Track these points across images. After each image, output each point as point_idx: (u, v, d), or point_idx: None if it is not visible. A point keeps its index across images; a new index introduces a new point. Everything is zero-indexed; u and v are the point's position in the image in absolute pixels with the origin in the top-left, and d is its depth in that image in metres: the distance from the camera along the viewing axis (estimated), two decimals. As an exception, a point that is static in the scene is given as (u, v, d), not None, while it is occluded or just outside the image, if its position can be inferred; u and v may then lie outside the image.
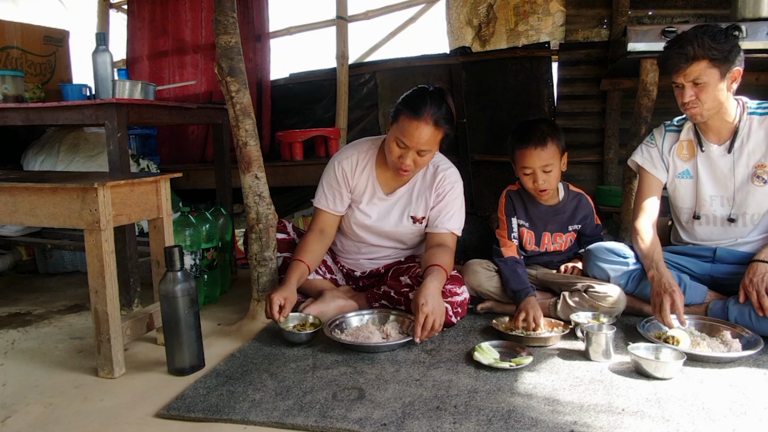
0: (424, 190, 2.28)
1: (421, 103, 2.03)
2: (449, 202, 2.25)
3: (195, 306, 1.81)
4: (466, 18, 4.40)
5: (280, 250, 2.32)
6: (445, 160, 2.34)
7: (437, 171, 2.28)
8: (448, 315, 2.08)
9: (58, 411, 1.61)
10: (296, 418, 1.48)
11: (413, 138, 2.02)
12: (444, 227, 2.22)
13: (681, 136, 2.23)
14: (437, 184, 2.25)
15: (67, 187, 1.77)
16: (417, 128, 2.01)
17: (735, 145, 2.12)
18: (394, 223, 2.30)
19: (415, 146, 2.04)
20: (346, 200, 2.30)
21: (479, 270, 2.28)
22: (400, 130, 2.04)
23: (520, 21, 4.21)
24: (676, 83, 2.06)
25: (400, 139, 2.05)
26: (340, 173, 2.27)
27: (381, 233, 2.34)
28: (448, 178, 2.27)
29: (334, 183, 2.28)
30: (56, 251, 3.16)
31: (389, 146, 2.10)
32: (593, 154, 3.94)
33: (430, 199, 2.26)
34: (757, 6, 2.69)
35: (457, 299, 2.11)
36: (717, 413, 1.48)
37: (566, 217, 2.35)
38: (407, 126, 2.02)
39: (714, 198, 2.18)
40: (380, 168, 2.28)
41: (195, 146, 4.48)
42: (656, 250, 2.10)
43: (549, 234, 2.35)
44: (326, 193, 2.29)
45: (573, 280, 2.22)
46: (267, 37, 4.38)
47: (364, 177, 2.28)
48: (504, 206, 2.37)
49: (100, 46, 2.52)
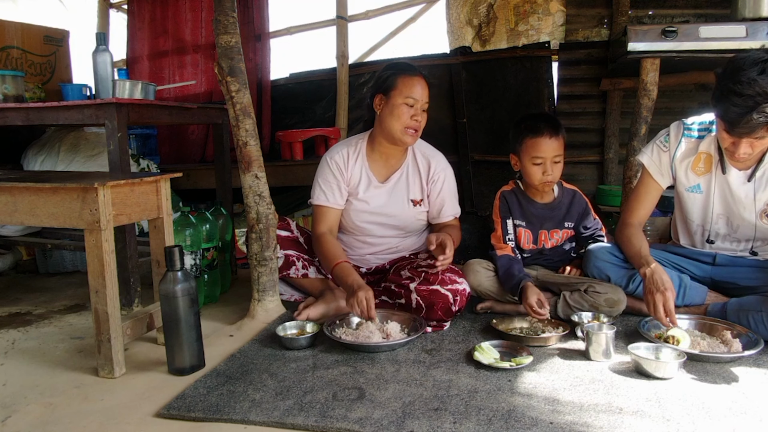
0: (416, 173, 2.34)
1: (409, 65, 2.26)
2: (448, 191, 2.36)
3: (195, 306, 1.81)
4: (466, 18, 4.40)
5: (283, 248, 2.33)
6: (429, 146, 2.41)
7: (427, 157, 2.35)
8: (448, 302, 2.08)
9: (58, 411, 1.61)
10: (296, 418, 1.48)
11: (422, 92, 2.19)
12: (449, 215, 2.37)
13: (700, 147, 2.08)
14: (432, 172, 2.33)
15: (67, 187, 1.77)
16: (419, 82, 2.19)
17: (757, 174, 2.00)
18: (395, 207, 2.32)
19: (423, 99, 2.19)
20: (344, 192, 2.32)
21: (479, 270, 2.28)
22: (408, 90, 2.17)
23: (520, 21, 4.21)
24: (733, 139, 1.86)
25: (410, 96, 2.17)
26: (334, 166, 2.31)
27: (383, 222, 2.34)
28: (440, 164, 2.35)
29: (330, 177, 2.30)
30: (56, 251, 3.16)
31: (398, 112, 2.18)
32: (593, 154, 3.95)
33: (424, 183, 2.33)
34: (757, 6, 2.69)
35: (457, 287, 2.11)
36: (717, 413, 1.48)
37: (562, 213, 2.35)
38: (411, 83, 2.18)
39: (720, 216, 2.12)
40: (371, 158, 2.34)
41: (195, 146, 4.48)
42: (642, 245, 2.09)
43: (546, 231, 2.35)
44: (324, 189, 2.31)
45: (573, 280, 2.22)
46: (267, 37, 4.39)
47: (357, 168, 2.32)
48: (498, 208, 2.36)
49: (100, 46, 2.52)
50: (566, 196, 2.36)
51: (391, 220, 2.34)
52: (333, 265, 2.15)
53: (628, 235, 2.15)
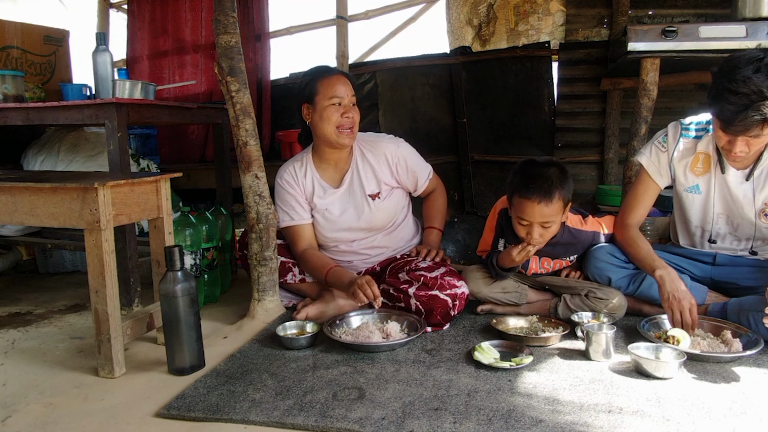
0: (367, 167, 2.33)
1: (326, 67, 2.30)
2: (413, 162, 2.39)
3: (195, 306, 1.81)
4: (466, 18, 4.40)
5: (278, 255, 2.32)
6: (369, 136, 2.42)
7: (374, 148, 2.35)
8: (447, 307, 2.08)
9: (58, 411, 1.61)
10: (296, 418, 1.48)
11: (345, 89, 2.20)
12: (424, 181, 2.44)
13: (698, 147, 2.07)
14: (391, 157, 2.34)
15: (67, 186, 1.77)
16: (339, 80, 2.21)
17: (755, 173, 1.99)
18: (356, 209, 2.32)
19: (348, 95, 2.20)
20: (305, 206, 2.34)
21: (479, 276, 2.26)
22: (330, 90, 2.18)
23: (520, 21, 4.21)
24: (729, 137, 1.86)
25: (334, 96, 2.18)
26: (285, 184, 2.33)
27: (350, 226, 2.33)
28: (390, 147, 2.36)
29: (286, 195, 2.32)
30: (56, 251, 3.15)
31: (327, 115, 2.18)
32: (593, 154, 3.94)
33: (386, 172, 2.34)
34: (757, 6, 2.69)
35: (456, 291, 2.11)
36: (717, 413, 1.48)
37: (558, 250, 2.21)
38: (332, 83, 2.19)
39: (720, 216, 2.11)
40: (320, 167, 2.36)
41: (195, 146, 4.48)
42: (649, 247, 2.08)
43: (537, 258, 2.25)
44: (286, 210, 2.33)
45: (573, 284, 2.20)
46: (267, 36, 4.38)
47: (308, 180, 2.33)
48: (494, 225, 2.29)
49: (100, 46, 2.52)
50: (565, 236, 2.16)
51: (355, 223, 2.33)
52: (324, 273, 2.18)
53: (632, 236, 2.14)
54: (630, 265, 2.16)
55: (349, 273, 2.16)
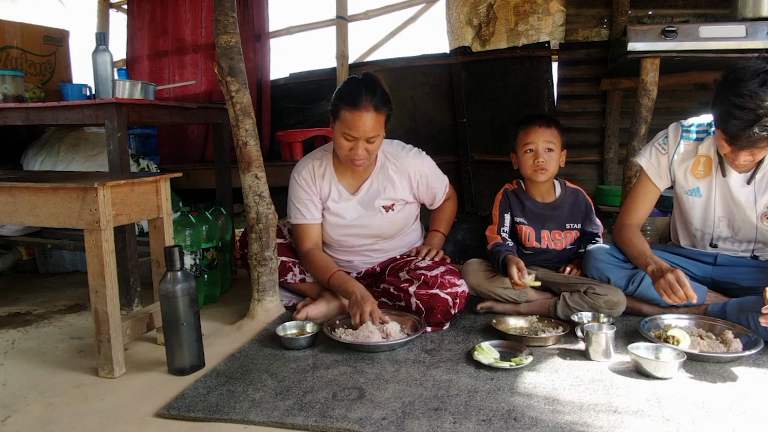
0: (386, 179, 2.30)
1: (356, 93, 2.08)
2: (433, 179, 2.38)
3: (195, 306, 1.81)
4: (466, 18, 4.40)
5: (278, 254, 2.32)
6: (395, 146, 2.36)
7: (404, 161, 2.30)
8: (448, 305, 2.08)
9: (58, 411, 1.61)
10: (296, 418, 1.48)
11: (359, 128, 2.07)
12: (441, 196, 2.46)
13: (699, 150, 2.06)
14: (414, 174, 2.31)
15: (67, 186, 1.77)
16: (360, 118, 2.06)
17: (756, 177, 1.99)
18: (368, 218, 2.31)
19: (363, 135, 2.08)
20: (318, 205, 2.32)
21: (479, 270, 2.28)
22: (345, 125, 2.08)
23: (520, 21, 4.21)
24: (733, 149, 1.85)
25: (347, 133, 2.09)
26: (303, 183, 2.30)
27: (358, 233, 2.33)
28: (414, 163, 2.32)
29: (302, 194, 2.30)
30: (56, 251, 3.15)
31: (338, 142, 2.14)
32: (593, 154, 3.95)
33: (405, 188, 2.31)
34: (757, 6, 2.69)
35: (456, 290, 2.11)
36: (717, 413, 1.48)
37: (564, 213, 2.34)
38: (350, 118, 2.06)
39: (722, 219, 2.11)
40: (339, 170, 2.32)
41: (195, 146, 4.48)
42: (645, 245, 2.09)
43: (548, 231, 2.34)
44: (299, 207, 2.31)
45: (573, 281, 2.22)
46: (267, 36, 4.38)
47: (326, 182, 2.31)
48: (499, 203, 2.37)
49: (100, 46, 2.52)
50: (568, 196, 2.36)
51: (365, 230, 2.33)
52: (328, 276, 2.18)
53: (628, 235, 2.15)
54: (629, 264, 2.16)
55: (353, 283, 2.14)
